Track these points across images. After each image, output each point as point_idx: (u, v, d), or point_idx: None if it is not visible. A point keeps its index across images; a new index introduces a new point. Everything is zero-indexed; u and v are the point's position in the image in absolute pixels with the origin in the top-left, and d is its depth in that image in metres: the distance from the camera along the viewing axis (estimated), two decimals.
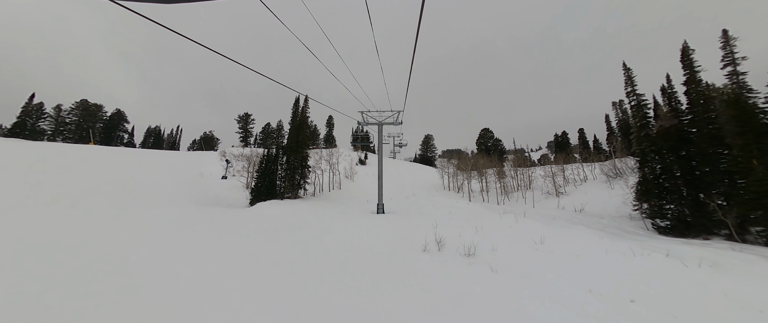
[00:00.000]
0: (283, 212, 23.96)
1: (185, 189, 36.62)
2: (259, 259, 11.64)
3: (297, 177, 34.51)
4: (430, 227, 18.19)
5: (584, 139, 58.23)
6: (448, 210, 24.29)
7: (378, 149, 25.62)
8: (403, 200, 31.08)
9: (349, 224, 18.83)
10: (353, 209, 26.78)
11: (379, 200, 24.41)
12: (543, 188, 35.27)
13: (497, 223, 18.36)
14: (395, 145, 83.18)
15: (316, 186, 44.43)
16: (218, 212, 24.06)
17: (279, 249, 13.18)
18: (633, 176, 29.42)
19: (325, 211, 24.52)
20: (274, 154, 33.94)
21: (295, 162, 34.96)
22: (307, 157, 38.30)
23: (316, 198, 35.82)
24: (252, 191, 31.18)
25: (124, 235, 13.87)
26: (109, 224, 15.80)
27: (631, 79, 20.90)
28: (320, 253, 12.74)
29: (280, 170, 34.02)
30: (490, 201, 35.35)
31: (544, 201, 29.38)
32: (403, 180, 60.42)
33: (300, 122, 37.81)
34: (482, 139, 73.48)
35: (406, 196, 33.89)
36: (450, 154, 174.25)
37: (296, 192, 34.73)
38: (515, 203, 31.71)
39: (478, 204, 28.67)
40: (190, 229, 16.64)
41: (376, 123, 26.37)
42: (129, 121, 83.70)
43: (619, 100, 51.23)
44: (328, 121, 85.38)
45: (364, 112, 26.37)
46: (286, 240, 14.83)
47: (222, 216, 20.95)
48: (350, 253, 12.84)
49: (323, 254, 12.63)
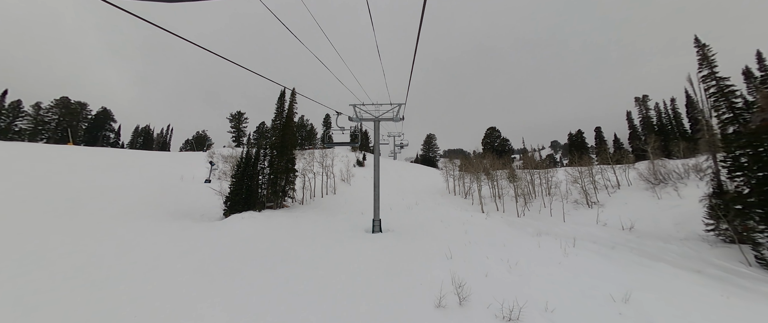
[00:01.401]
0: (256, 230, 18.83)
1: (154, 196, 31.52)
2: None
3: (281, 183, 29.36)
4: (443, 258, 13.05)
5: (601, 138, 52.91)
6: (461, 227, 19.10)
7: (375, 152, 20.48)
8: (405, 211, 25.89)
9: (332, 253, 13.66)
10: (344, 224, 21.63)
11: (375, 215, 19.25)
12: (567, 195, 30.03)
13: (535, 254, 13.18)
14: (396, 145, 78.05)
15: (308, 191, 39.37)
16: (174, 230, 18.98)
17: (217, 306, 8.05)
18: (684, 182, 24.17)
19: (307, 229, 19.39)
20: (254, 156, 28.80)
21: (279, 166, 29.83)
22: (294, 159, 33.17)
23: (304, 208, 30.66)
24: (226, 200, 26.08)
25: None
26: None
27: (708, 58, 15.72)
28: (280, 317, 7.62)
29: (262, 175, 28.89)
30: (506, 210, 30.13)
31: (575, 214, 24.13)
32: (404, 183, 55.21)
33: (286, 119, 32.67)
34: (489, 139, 68.32)
35: (408, 206, 28.66)
36: (452, 153, 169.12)
37: (280, 200, 29.59)
38: (538, 215, 26.47)
39: (497, 217, 23.45)
40: (113, 259, 11.57)
41: (371, 118, 21.24)
42: (116, 120, 78.84)
43: (642, 96, 45.88)
44: (324, 119, 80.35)
45: (356, 105, 21.22)
46: (235, 287, 9.68)
47: (173, 238, 15.83)
48: (326, 317, 7.71)
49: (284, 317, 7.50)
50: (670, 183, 24.93)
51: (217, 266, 11.79)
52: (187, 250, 13.91)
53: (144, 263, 11.86)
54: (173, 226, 20.48)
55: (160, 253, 13.29)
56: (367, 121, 21.26)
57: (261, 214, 24.18)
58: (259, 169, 29.06)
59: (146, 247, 14.16)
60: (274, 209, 28.56)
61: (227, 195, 26.43)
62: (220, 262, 12.31)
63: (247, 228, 19.26)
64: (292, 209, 29.50)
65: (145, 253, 13.17)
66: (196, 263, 12.11)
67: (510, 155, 64.91)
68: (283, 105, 31.75)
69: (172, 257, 12.91)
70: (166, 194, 34.14)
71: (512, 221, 21.85)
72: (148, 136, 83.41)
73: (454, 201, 38.82)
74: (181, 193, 34.28)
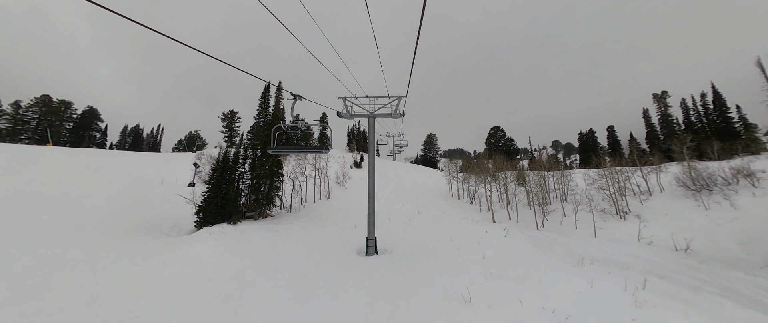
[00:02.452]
0: (220, 255, 14.94)
1: (124, 204, 27.60)
2: None
3: (264, 190, 25.45)
4: (459, 301, 9.23)
5: (615, 138, 49.01)
6: (476, 248, 15.23)
7: (370, 155, 16.67)
8: (406, 223, 22.00)
9: (309, 303, 9.79)
10: (332, 242, 17.74)
11: (370, 233, 15.40)
12: (589, 202, 26.20)
13: (591, 298, 9.32)
14: (395, 145, 74.14)
15: (299, 196, 35.52)
16: (120, 252, 15.15)
17: None
18: (732, 189, 20.30)
19: (285, 251, 15.51)
20: (233, 159, 24.87)
21: (262, 170, 25.93)
22: (281, 161, 29.27)
23: (291, 218, 26.76)
24: (199, 210, 22.20)
25: None
26: None
27: None
28: None
29: (241, 181, 24.97)
30: (521, 220, 26.29)
31: (607, 227, 20.28)
32: (405, 185, 51.30)
33: (273, 117, 28.76)
34: (492, 138, 64.43)
35: (410, 216, 24.73)
36: (452, 153, 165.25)
37: (263, 209, 25.70)
38: (561, 227, 22.62)
39: (516, 232, 19.53)
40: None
41: (366, 114, 17.40)
42: (103, 120, 74.81)
43: (661, 92, 41.95)
44: (321, 118, 76.38)
45: (348, 98, 17.36)
46: None
47: (101, 268, 11.92)
48: None
49: None
50: (716, 189, 21.06)
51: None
52: (102, 292, 10.00)
53: None
54: (126, 246, 16.61)
55: (63, 294, 9.39)
56: (360, 116, 17.38)
57: (235, 229, 20.29)
58: (239, 174, 25.16)
59: (37, 282, 10.27)
60: (256, 220, 24.67)
61: (200, 205, 22.55)
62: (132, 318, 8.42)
63: (209, 251, 15.37)
64: (277, 219, 25.64)
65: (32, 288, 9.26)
66: None
67: (516, 155, 61.13)
68: (267, 100, 27.82)
69: (76, 301, 9.04)
70: (141, 201, 30.22)
71: (535, 238, 17.96)
72: (138, 136, 79.37)
73: (460, 208, 34.96)
74: (157, 200, 30.34)
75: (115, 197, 29.42)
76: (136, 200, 30.43)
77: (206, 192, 22.86)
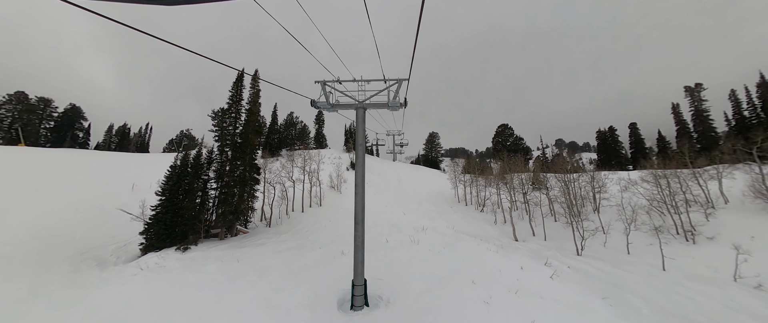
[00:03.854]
0: (136, 306, 9.95)
1: (68, 221, 22.65)
2: None
3: (233, 201, 20.33)
4: None
5: (638, 136, 43.60)
6: (517, 303, 10.09)
7: (357, 164, 11.57)
8: (409, 247, 16.80)
9: None
10: (307, 280, 12.63)
11: (357, 275, 10.31)
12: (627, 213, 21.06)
13: None
14: (395, 144, 69.00)
15: (287, 203, 30.48)
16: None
17: None
18: None
19: (232, 302, 10.48)
20: (193, 163, 19.74)
21: (232, 176, 20.86)
22: (257, 166, 24.20)
23: (268, 235, 21.65)
24: (145, 229, 17.16)
25: None
26: None
27: None
28: None
29: (202, 192, 19.89)
30: (549, 238, 21.19)
31: (674, 252, 15.08)
32: (405, 188, 46.10)
33: (249, 113, 23.65)
34: (500, 137, 59.19)
35: (413, 236, 19.44)
36: (454, 152, 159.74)
37: (234, 225, 20.62)
38: (605, 250, 17.49)
39: (560, 266, 14.23)
40: None
41: (353, 105, 12.31)
42: (86, 118, 69.83)
43: (694, 84, 36.61)
44: (316, 116, 71.25)
45: (328, 82, 12.24)
46: None
47: None
48: None
49: None
50: None
51: None
52: None
53: None
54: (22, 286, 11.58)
55: None
56: (344, 107, 12.27)
57: (183, 257, 15.21)
58: (204, 181, 20.07)
59: None
60: (222, 239, 19.59)
61: (147, 223, 17.48)
62: None
63: (127, 300, 10.34)
64: (251, 237, 20.58)
65: None
66: None
67: (525, 155, 55.97)
68: (240, 92, 22.65)
69: None
70: (90, 214, 25.07)
71: (590, 277, 12.75)
72: (125, 136, 74.36)
73: (470, 218, 29.80)
74: (113, 213, 25.29)
75: (62, 211, 24.42)
76: (90, 212, 25.44)
77: (156, 207, 17.79)
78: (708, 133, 34.37)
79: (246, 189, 21.24)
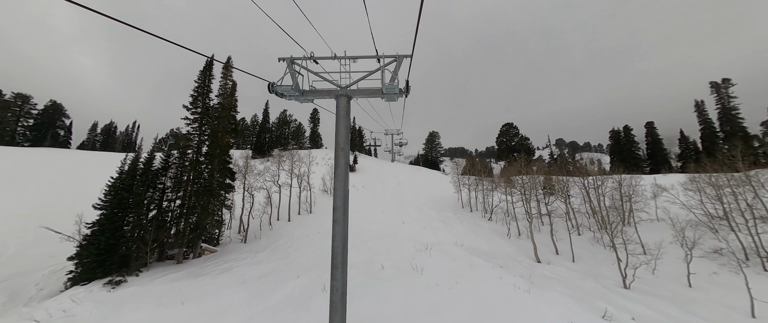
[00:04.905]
0: None
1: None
2: None
3: (192, 217, 16.43)
4: None
5: (655, 136, 39.89)
6: None
7: (336, 172, 7.49)
8: (411, 281, 12.82)
9: None
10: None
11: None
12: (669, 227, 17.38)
13: None
14: (394, 144, 65.19)
15: (270, 212, 26.63)
16: None
17: None
18: None
19: None
20: (143, 168, 15.81)
21: (196, 185, 16.98)
22: (231, 170, 20.31)
23: (240, 254, 17.76)
24: (76, 255, 13.33)
25: None
26: None
27: None
28: None
29: (155, 204, 16.01)
30: (578, 259, 17.48)
31: (753, 288, 11.25)
32: (404, 192, 42.26)
33: (221, 107, 19.74)
34: (504, 136, 55.44)
35: (413, 263, 15.47)
36: (454, 152, 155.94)
37: (197, 244, 16.76)
38: (657, 280, 13.84)
39: (624, 320, 10.50)
40: None
41: (333, 91, 8.36)
42: (68, 116, 65.63)
43: (721, 80, 32.98)
44: (312, 115, 67.37)
45: (297, 60, 8.31)
46: None
47: None
48: None
49: None
50: None
51: None
52: None
53: None
54: None
55: None
56: (318, 96, 8.41)
57: (112, 295, 11.35)
58: (161, 191, 16.18)
59: None
60: (180, 262, 15.73)
61: (78, 248, 13.61)
62: None
63: None
64: (216, 258, 16.66)
65: None
66: None
67: (532, 156, 52.25)
68: (207, 82, 18.69)
69: None
70: (35, 226, 21.00)
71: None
72: (110, 135, 70.15)
73: (479, 228, 26.01)
74: (63, 225, 21.28)
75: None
76: (23, 226, 21.25)
77: (92, 224, 13.90)
78: (736, 132, 30.81)
79: (213, 200, 17.33)
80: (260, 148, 51.50)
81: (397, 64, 8.26)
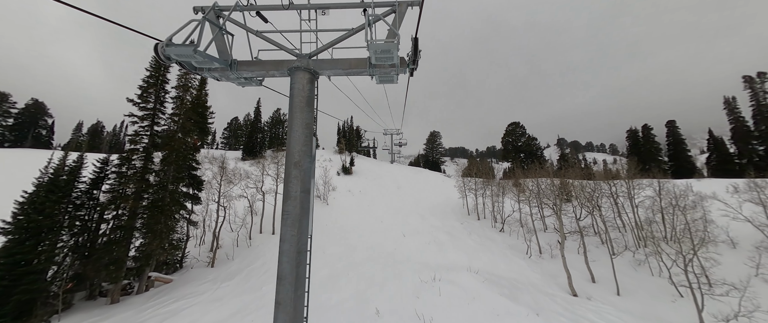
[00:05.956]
0: None
1: None
2: None
3: (127, 243, 12.67)
4: None
5: (676, 136, 36.13)
6: None
7: (284, 195, 3.57)
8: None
9: None
10: None
11: None
12: (730, 249, 13.70)
13: None
14: (394, 144, 61.39)
15: (251, 225, 22.91)
16: None
17: None
18: None
19: None
20: (68, 174, 12.06)
21: (139, 199, 13.26)
22: (198, 177, 16.56)
23: (199, 284, 13.99)
24: None
25: None
26: None
27: None
28: None
29: (81, 221, 12.28)
30: (625, 291, 13.82)
31: None
32: (405, 196, 38.45)
33: (178, 100, 16.02)
34: (510, 136, 51.72)
35: (418, 311, 11.74)
36: (454, 152, 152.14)
37: (144, 274, 13.05)
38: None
39: None
40: None
41: (287, 60, 4.36)
42: (51, 115, 61.87)
43: (758, 73, 29.28)
44: None
45: (221, 7, 4.42)
46: None
47: None
48: None
49: None
50: None
51: None
52: None
53: None
54: None
55: None
56: (267, 72, 4.60)
57: None
58: (93, 206, 12.45)
59: None
60: (115, 302, 12.02)
61: None
62: None
63: None
64: (167, 293, 12.90)
65: None
66: None
67: (540, 157, 48.55)
68: (163, 70, 14.92)
69: None
70: None
71: None
72: (97, 135, 66.32)
73: (491, 242, 22.28)
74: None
75: None
76: None
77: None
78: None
79: (166, 218, 13.57)
80: (251, 149, 47.75)
81: (396, 16, 4.49)
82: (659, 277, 15.16)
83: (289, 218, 4.24)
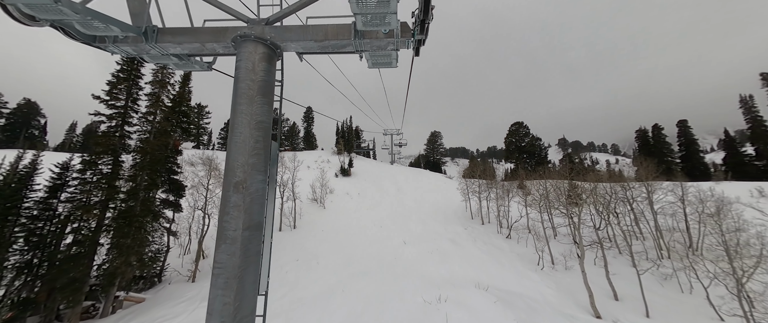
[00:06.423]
0: None
1: None
2: None
3: (110, 255, 11.06)
4: None
5: (688, 137, 34.44)
6: None
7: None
8: None
9: None
10: None
11: None
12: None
13: None
14: (394, 144, 59.74)
15: None
16: None
17: None
18: None
19: None
20: (19, 179, 10.47)
21: (103, 209, 11.67)
22: (179, 182, 14.95)
23: (174, 303, 12.34)
24: None
25: None
26: None
27: None
28: None
29: (60, 233, 10.68)
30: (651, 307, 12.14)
31: None
32: (405, 199, 36.77)
33: (153, 97, 14.43)
34: (513, 136, 50.11)
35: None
36: (454, 152, 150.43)
37: (110, 295, 11.44)
38: None
39: None
40: None
41: (236, 27, 2.59)
42: (44, 115, 60.33)
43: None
44: (306, 113, 62.03)
45: None
46: None
47: None
48: None
49: None
50: None
51: None
52: None
53: None
54: None
55: None
56: (207, 48, 2.93)
57: None
58: (49, 217, 10.86)
59: None
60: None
61: None
62: None
63: None
64: (136, 317, 11.39)
65: None
66: None
67: (544, 159, 46.96)
68: (136, 63, 13.34)
69: None
70: None
71: None
72: (92, 135, 64.79)
73: (499, 251, 20.62)
74: None
75: None
76: None
77: None
78: None
79: (132, 232, 11.92)
80: None
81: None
82: (690, 295, 13.53)
83: (222, 275, 2.62)
